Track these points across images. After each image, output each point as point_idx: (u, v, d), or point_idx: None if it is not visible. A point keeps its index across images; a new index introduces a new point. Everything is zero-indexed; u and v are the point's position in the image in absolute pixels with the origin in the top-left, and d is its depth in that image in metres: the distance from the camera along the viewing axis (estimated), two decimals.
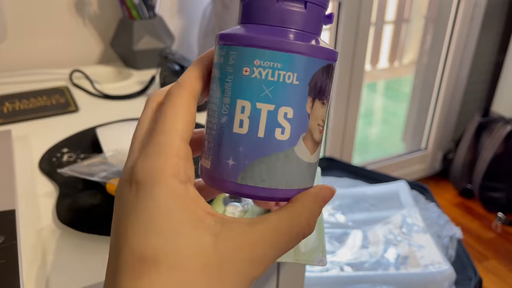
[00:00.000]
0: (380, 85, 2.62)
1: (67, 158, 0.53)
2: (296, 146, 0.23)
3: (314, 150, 0.24)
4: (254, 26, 0.23)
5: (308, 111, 0.23)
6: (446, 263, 0.84)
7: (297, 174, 0.24)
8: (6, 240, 0.37)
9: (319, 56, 0.23)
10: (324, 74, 0.23)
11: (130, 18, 0.87)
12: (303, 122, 0.23)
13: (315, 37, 0.24)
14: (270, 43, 0.22)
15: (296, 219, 0.22)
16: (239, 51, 0.23)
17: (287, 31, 0.23)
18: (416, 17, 1.91)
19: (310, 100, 0.23)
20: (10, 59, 0.87)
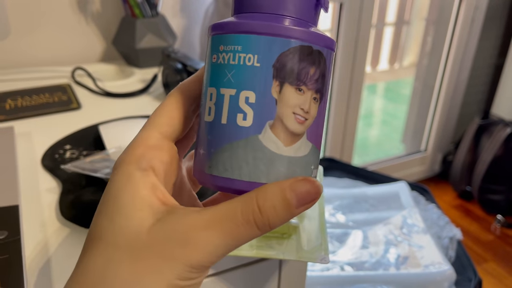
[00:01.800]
0: (380, 86, 2.63)
1: (70, 155, 0.53)
2: (261, 134, 0.22)
3: (291, 141, 0.22)
4: (233, 16, 0.24)
5: (275, 96, 0.21)
6: (446, 264, 0.84)
7: (265, 166, 0.22)
8: (9, 235, 0.37)
9: (284, 35, 0.21)
10: (297, 57, 0.21)
11: (133, 17, 0.87)
12: (268, 108, 0.21)
13: (294, 20, 0.22)
14: (230, 27, 0.22)
15: (249, 205, 0.20)
16: (210, 40, 0.23)
17: (254, 15, 0.23)
18: (416, 19, 1.91)
19: (276, 84, 0.21)
20: (13, 56, 0.87)
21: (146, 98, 0.75)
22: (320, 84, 0.22)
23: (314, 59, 0.22)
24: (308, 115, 0.22)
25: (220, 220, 0.20)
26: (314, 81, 0.22)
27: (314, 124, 0.22)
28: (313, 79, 0.22)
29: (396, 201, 1.06)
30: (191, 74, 0.72)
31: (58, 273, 0.36)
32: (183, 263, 0.19)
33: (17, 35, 0.86)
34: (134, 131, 0.59)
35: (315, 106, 0.22)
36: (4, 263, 0.34)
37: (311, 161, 0.23)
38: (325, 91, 0.23)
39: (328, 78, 0.23)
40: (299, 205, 0.21)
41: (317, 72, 0.22)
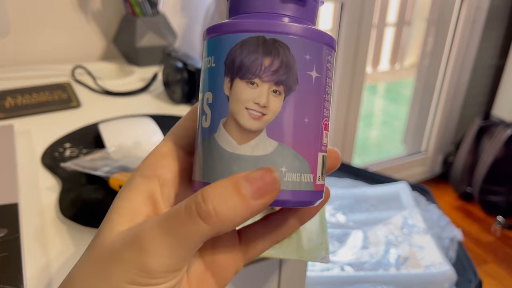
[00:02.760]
0: (381, 87, 2.63)
1: (70, 153, 0.53)
2: (216, 133, 0.21)
3: (246, 139, 0.20)
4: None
5: (227, 93, 0.21)
6: (447, 264, 0.84)
7: (220, 166, 0.21)
8: (9, 233, 0.37)
9: (232, 31, 0.21)
10: (246, 49, 0.20)
11: (133, 15, 0.87)
12: (221, 105, 0.21)
13: (256, 14, 0.22)
14: (203, 36, 0.23)
15: (192, 198, 0.19)
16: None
17: (229, 19, 0.22)
18: (417, 19, 1.91)
19: (227, 81, 0.21)
20: (13, 54, 0.87)
21: (146, 97, 0.75)
22: (281, 76, 0.20)
23: (268, 49, 0.20)
24: (266, 109, 0.20)
25: (167, 220, 0.19)
26: (271, 73, 0.20)
27: (278, 119, 0.20)
28: (269, 70, 0.20)
29: (397, 201, 1.06)
30: (192, 73, 0.72)
31: (58, 271, 0.36)
32: (134, 267, 0.19)
33: (18, 33, 0.86)
34: (134, 130, 0.58)
35: (277, 99, 0.20)
36: (4, 261, 0.34)
37: (279, 162, 0.20)
38: (294, 83, 0.21)
39: (299, 69, 0.21)
40: (253, 193, 0.18)
41: (274, 63, 0.20)
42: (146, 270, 0.19)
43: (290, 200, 0.21)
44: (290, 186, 0.21)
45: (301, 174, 0.21)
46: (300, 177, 0.21)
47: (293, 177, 0.21)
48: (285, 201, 0.21)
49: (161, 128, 0.56)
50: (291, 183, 0.21)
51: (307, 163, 0.21)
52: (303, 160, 0.21)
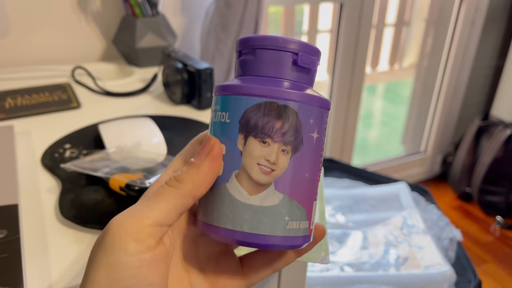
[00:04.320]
0: (380, 87, 2.63)
1: (70, 154, 0.53)
2: (228, 182, 0.24)
3: (256, 191, 0.23)
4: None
5: (240, 148, 0.23)
6: (446, 265, 0.84)
7: (230, 212, 0.23)
8: (8, 234, 0.37)
9: (247, 94, 0.23)
10: (260, 112, 0.23)
11: (133, 16, 0.87)
12: (234, 159, 0.23)
13: (269, 79, 0.24)
14: (215, 91, 0.25)
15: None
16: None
17: (242, 78, 0.25)
18: (416, 20, 1.91)
19: (241, 138, 0.23)
20: (13, 55, 0.87)
21: (146, 98, 0.75)
22: (290, 137, 0.23)
23: (279, 113, 0.23)
24: (275, 166, 0.23)
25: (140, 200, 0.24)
26: (281, 134, 0.23)
27: (284, 175, 0.23)
28: (280, 132, 0.23)
29: (396, 201, 1.06)
30: (192, 74, 0.72)
31: (58, 272, 0.36)
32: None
33: (17, 34, 0.86)
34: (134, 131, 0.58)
35: (285, 157, 0.23)
36: (3, 262, 0.34)
37: (284, 212, 0.23)
38: (300, 143, 0.23)
39: (304, 131, 0.23)
40: (198, 158, 0.23)
41: (285, 126, 0.23)
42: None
43: (289, 244, 0.24)
44: (291, 232, 0.24)
45: (300, 222, 0.24)
46: (299, 224, 0.24)
47: (294, 225, 0.24)
48: (285, 246, 0.24)
49: (161, 128, 0.56)
50: (291, 230, 0.24)
51: (305, 212, 0.24)
52: (303, 210, 0.24)
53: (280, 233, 0.23)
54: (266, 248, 0.24)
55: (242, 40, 0.25)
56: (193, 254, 0.26)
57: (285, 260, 0.27)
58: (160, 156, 0.50)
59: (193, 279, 0.26)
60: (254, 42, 0.25)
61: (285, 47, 0.24)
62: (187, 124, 0.63)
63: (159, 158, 0.49)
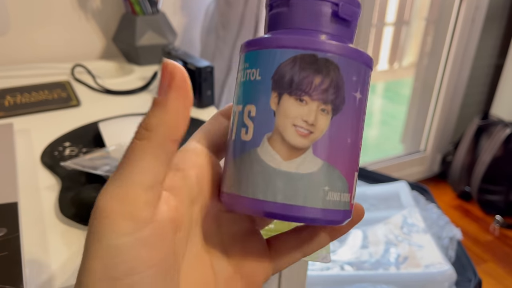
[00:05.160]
0: (380, 86, 2.63)
1: (69, 152, 0.53)
2: (259, 147, 0.21)
3: (291, 156, 0.20)
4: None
5: (273, 108, 0.21)
6: (446, 264, 0.84)
7: (262, 181, 0.20)
8: (8, 233, 0.37)
9: (282, 46, 0.21)
10: (297, 66, 0.20)
11: (133, 14, 0.87)
12: (266, 120, 0.21)
13: (304, 31, 0.22)
14: (242, 48, 0.23)
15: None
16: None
17: (272, 33, 0.22)
18: (416, 19, 1.91)
19: (274, 96, 0.21)
20: (12, 52, 0.86)
21: (146, 96, 0.74)
22: (331, 95, 0.21)
23: (319, 68, 0.20)
24: (313, 127, 0.20)
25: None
26: (321, 91, 0.20)
27: (324, 138, 0.20)
28: (319, 89, 0.20)
29: (396, 200, 1.06)
30: (192, 72, 0.72)
31: (57, 270, 0.35)
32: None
33: (17, 32, 0.86)
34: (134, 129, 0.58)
35: (325, 118, 0.20)
36: (3, 260, 0.34)
37: (323, 181, 0.21)
38: (341, 103, 0.21)
39: (346, 89, 0.21)
40: (160, 94, 0.19)
41: (325, 82, 0.20)
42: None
43: (330, 219, 0.21)
44: (331, 205, 0.21)
45: (341, 194, 0.21)
46: (340, 196, 0.21)
47: (334, 197, 0.21)
48: (326, 220, 0.21)
49: None
50: (331, 202, 0.21)
51: (347, 183, 0.21)
52: (344, 180, 0.21)
53: (319, 205, 0.20)
54: (302, 221, 0.21)
55: None
56: (215, 234, 0.23)
57: (318, 243, 0.24)
58: None
59: (215, 262, 0.23)
60: None
61: None
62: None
63: None
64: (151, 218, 0.18)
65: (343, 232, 0.25)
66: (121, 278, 0.17)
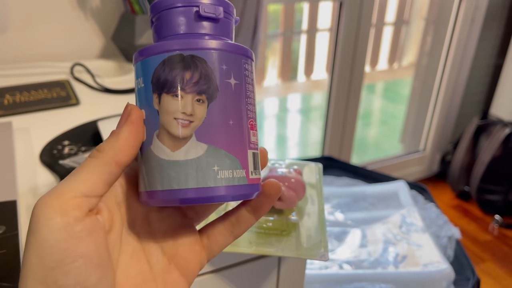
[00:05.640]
0: (379, 86, 2.63)
1: (68, 151, 0.53)
2: (152, 144, 0.23)
3: (177, 146, 0.23)
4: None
5: (156, 108, 0.23)
6: (445, 263, 0.84)
7: (158, 173, 0.23)
8: (7, 230, 0.37)
9: (152, 53, 0.23)
10: (167, 67, 0.23)
11: (132, 13, 0.87)
12: (153, 120, 0.23)
13: (177, 36, 0.24)
14: (133, 60, 0.25)
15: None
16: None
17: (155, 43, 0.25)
18: (416, 19, 1.91)
19: (156, 97, 0.23)
20: (11, 51, 0.86)
21: None
22: (203, 86, 0.23)
23: (186, 64, 0.23)
24: (192, 117, 0.23)
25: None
26: (193, 84, 0.23)
27: (204, 124, 0.23)
28: (191, 82, 0.23)
29: (395, 200, 1.06)
30: None
31: None
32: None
33: (16, 30, 0.86)
34: None
35: (201, 107, 0.23)
36: (2, 258, 0.34)
37: (211, 162, 0.23)
38: (214, 90, 0.23)
39: (218, 78, 0.23)
40: (119, 126, 0.23)
41: (194, 76, 0.23)
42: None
43: (227, 194, 0.23)
44: (224, 182, 0.23)
45: (233, 171, 0.23)
46: (233, 173, 0.23)
47: (225, 174, 0.23)
48: (221, 196, 0.23)
49: None
50: (224, 180, 0.23)
51: (237, 160, 0.23)
52: (233, 158, 0.23)
53: (211, 184, 0.22)
54: (203, 202, 0.23)
55: (150, 7, 0.25)
56: (147, 232, 0.26)
57: (245, 223, 0.27)
58: None
59: (150, 256, 0.25)
60: (155, 7, 0.25)
61: (187, 2, 0.24)
62: None
63: None
64: (82, 218, 0.21)
65: (265, 209, 0.27)
66: (54, 268, 0.20)
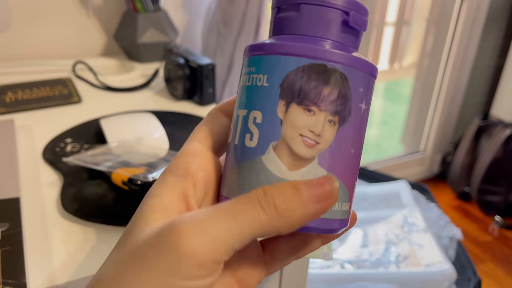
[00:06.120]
0: (380, 86, 2.63)
1: (71, 148, 0.53)
2: (264, 155, 0.20)
3: (297, 166, 0.20)
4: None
5: (280, 116, 0.20)
6: (446, 263, 0.84)
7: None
8: (10, 228, 0.37)
9: (293, 54, 0.20)
10: (306, 75, 0.20)
11: (135, 11, 0.86)
12: (272, 128, 0.20)
13: (314, 39, 0.21)
14: (247, 51, 0.22)
15: (253, 192, 0.19)
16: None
17: (279, 37, 0.22)
18: (417, 19, 1.91)
19: (282, 104, 0.20)
20: (14, 49, 0.86)
21: (147, 93, 0.74)
22: (339, 106, 0.20)
23: (328, 78, 0.20)
24: (320, 138, 0.20)
25: (218, 208, 0.19)
26: (329, 102, 0.20)
27: (330, 149, 0.20)
28: (328, 99, 0.20)
29: (397, 200, 1.06)
30: (193, 69, 0.72)
31: (59, 265, 0.35)
32: (172, 256, 0.18)
33: (19, 28, 0.85)
34: (136, 125, 0.58)
35: (331, 129, 0.20)
36: (6, 255, 0.34)
37: None
38: (348, 114, 0.21)
39: (353, 100, 0.21)
40: (310, 195, 0.18)
41: (333, 93, 0.20)
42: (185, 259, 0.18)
43: (330, 228, 0.21)
44: (331, 214, 0.21)
45: (342, 203, 0.21)
46: (341, 206, 0.21)
47: (336, 206, 0.21)
48: (326, 229, 0.21)
49: (163, 124, 0.56)
50: (333, 212, 0.21)
51: (348, 192, 0.21)
52: (345, 190, 0.21)
53: (322, 215, 0.20)
54: (305, 230, 0.21)
55: None
56: None
57: (311, 247, 0.25)
58: (162, 151, 0.50)
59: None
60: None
61: (335, 4, 0.21)
62: (189, 120, 0.63)
63: (161, 153, 0.49)
64: (216, 270, 0.18)
65: (335, 238, 0.25)
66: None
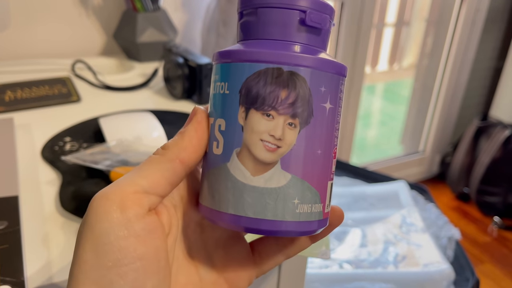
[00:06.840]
0: (380, 87, 2.63)
1: (70, 147, 0.53)
2: (229, 162, 0.21)
3: (259, 171, 0.20)
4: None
5: (241, 123, 0.21)
6: (445, 263, 0.84)
7: (232, 196, 0.21)
8: (9, 226, 0.37)
9: (247, 60, 0.20)
10: (263, 80, 0.20)
11: (134, 10, 0.86)
12: (235, 135, 0.21)
13: (274, 42, 0.21)
14: (213, 58, 0.23)
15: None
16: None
17: (243, 43, 0.22)
18: (417, 20, 1.91)
19: (242, 110, 0.20)
20: (13, 47, 0.86)
21: (146, 92, 0.74)
22: (298, 109, 0.20)
23: (285, 81, 0.20)
24: (280, 142, 0.20)
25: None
26: (288, 105, 0.20)
27: (292, 152, 0.20)
28: (286, 103, 0.20)
29: (395, 200, 1.06)
30: (192, 69, 0.72)
31: (58, 264, 0.35)
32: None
33: (18, 27, 0.85)
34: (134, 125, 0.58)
35: (292, 132, 0.20)
36: (4, 253, 0.34)
37: (292, 194, 0.21)
38: (310, 115, 0.20)
39: (314, 101, 0.21)
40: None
41: (291, 96, 0.20)
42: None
43: (301, 230, 0.21)
44: (302, 217, 0.21)
45: (312, 205, 0.21)
46: (311, 207, 0.21)
47: (304, 209, 0.21)
48: (295, 232, 0.21)
49: (162, 123, 0.56)
50: (302, 215, 0.21)
51: (318, 194, 0.21)
52: (315, 191, 0.21)
53: (289, 218, 0.21)
54: (274, 234, 0.21)
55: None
56: (199, 240, 0.24)
57: (299, 246, 0.25)
58: None
59: (200, 268, 0.23)
60: (255, 0, 0.21)
61: (290, 4, 0.21)
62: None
63: None
64: (143, 215, 0.19)
65: (323, 236, 0.25)
66: (111, 267, 0.18)
